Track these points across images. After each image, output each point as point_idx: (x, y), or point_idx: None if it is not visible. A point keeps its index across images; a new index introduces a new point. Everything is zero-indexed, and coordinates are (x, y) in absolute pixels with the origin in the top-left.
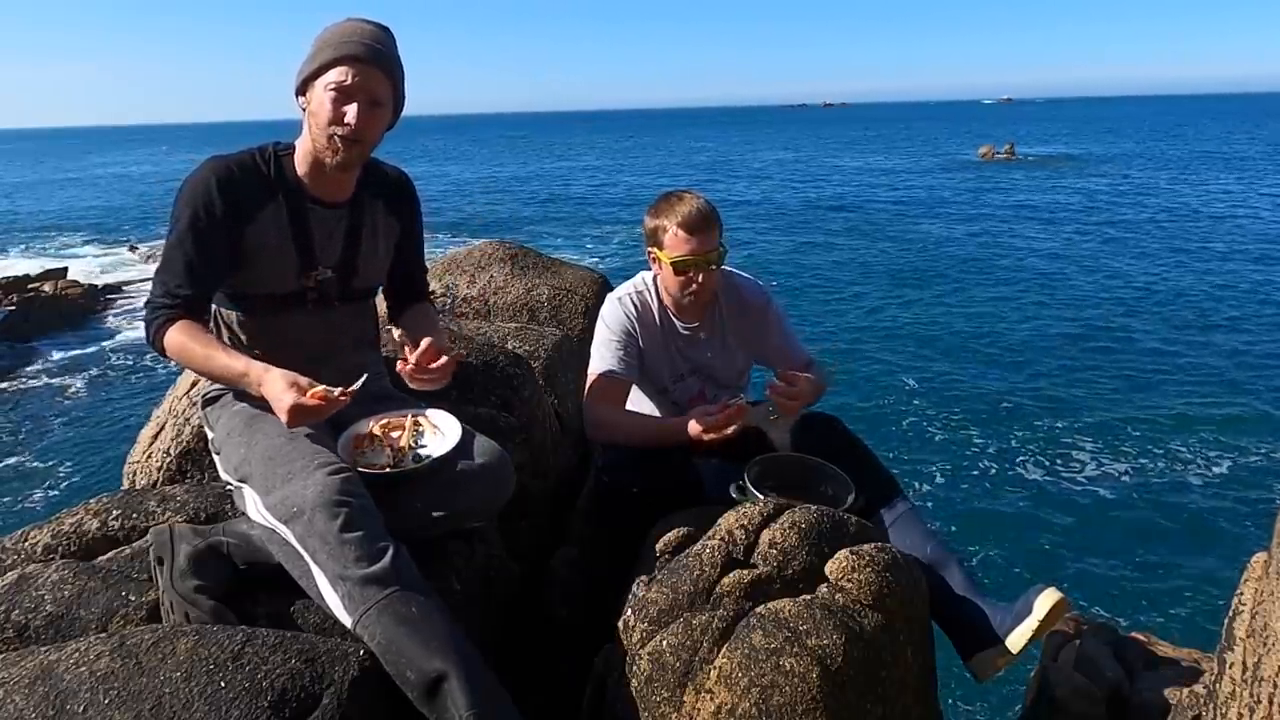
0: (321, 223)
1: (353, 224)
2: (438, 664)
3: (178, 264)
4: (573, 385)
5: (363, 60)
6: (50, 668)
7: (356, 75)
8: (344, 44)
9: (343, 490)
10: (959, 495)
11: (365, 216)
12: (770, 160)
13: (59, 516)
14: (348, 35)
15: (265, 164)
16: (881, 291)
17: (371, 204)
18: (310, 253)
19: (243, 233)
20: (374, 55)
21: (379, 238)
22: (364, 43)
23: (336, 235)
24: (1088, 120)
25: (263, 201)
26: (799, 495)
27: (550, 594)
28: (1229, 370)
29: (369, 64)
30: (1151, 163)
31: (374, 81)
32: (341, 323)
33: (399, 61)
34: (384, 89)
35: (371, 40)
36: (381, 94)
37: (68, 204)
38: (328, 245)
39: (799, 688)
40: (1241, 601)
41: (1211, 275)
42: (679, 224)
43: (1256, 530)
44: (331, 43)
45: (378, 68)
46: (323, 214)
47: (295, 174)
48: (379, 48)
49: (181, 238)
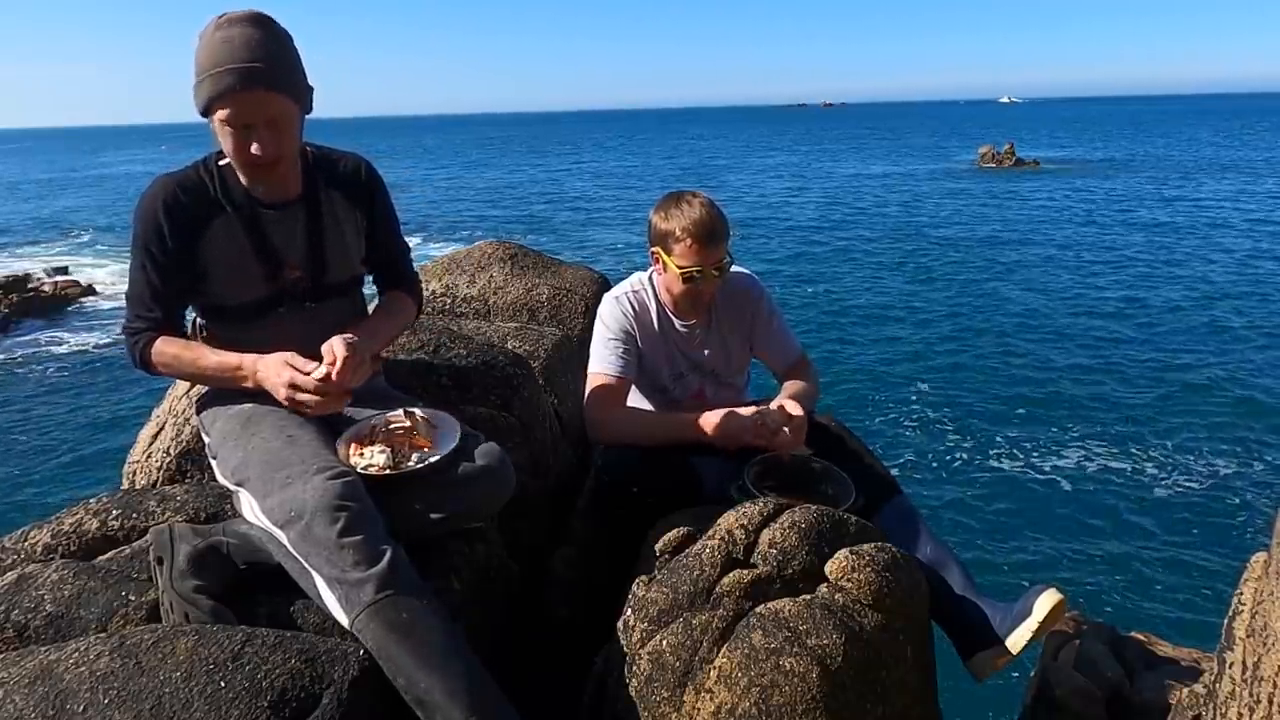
0: (277, 224)
1: (311, 219)
2: (426, 675)
3: (142, 289)
4: (573, 385)
5: (241, 89)
6: (50, 668)
7: (244, 105)
8: (219, 76)
9: (342, 495)
10: (959, 495)
11: (323, 209)
12: (770, 160)
13: (59, 516)
14: (219, 61)
15: (209, 176)
16: (880, 291)
17: (328, 195)
18: (273, 256)
19: (197, 249)
20: (251, 78)
21: (343, 228)
22: (236, 68)
23: (297, 233)
24: (1088, 121)
25: (211, 215)
26: (799, 495)
27: (550, 594)
28: (1229, 371)
29: (250, 89)
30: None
31: (262, 104)
32: (323, 321)
33: (284, 59)
34: (275, 104)
35: (245, 58)
36: (275, 110)
37: (68, 203)
38: (290, 245)
39: (799, 687)
40: (1241, 601)
41: (1211, 278)
42: (690, 233)
43: (1256, 530)
44: (207, 75)
45: (262, 87)
46: (276, 216)
47: (239, 181)
48: (254, 66)
49: (140, 262)
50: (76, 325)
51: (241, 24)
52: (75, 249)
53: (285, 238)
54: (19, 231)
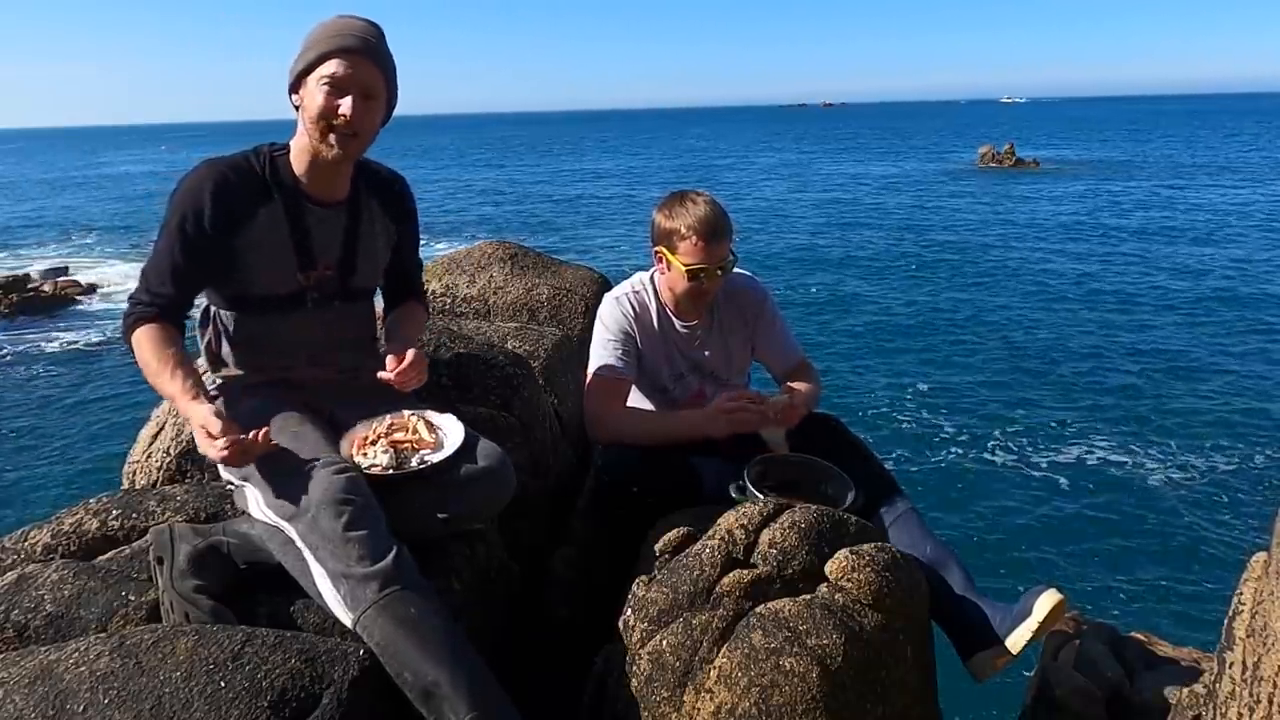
0: (320, 222)
1: (351, 222)
2: (434, 669)
3: (164, 265)
4: (573, 385)
5: (355, 52)
6: (50, 668)
7: (350, 68)
8: (336, 38)
9: (348, 489)
10: (959, 495)
11: (363, 215)
12: (770, 160)
13: (59, 516)
14: (339, 30)
15: (260, 165)
16: (879, 291)
17: (368, 203)
18: (309, 252)
19: (237, 236)
20: (366, 48)
21: (377, 237)
22: (356, 35)
23: (335, 234)
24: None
25: (259, 203)
26: (799, 495)
27: (550, 594)
28: (1229, 370)
29: (362, 56)
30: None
31: (367, 74)
32: (340, 323)
33: (390, 57)
34: (378, 81)
35: (363, 34)
36: (375, 86)
37: (68, 203)
38: (327, 244)
39: (799, 687)
40: (1241, 601)
41: (1211, 278)
42: (695, 231)
43: (1256, 530)
44: (323, 38)
45: (371, 60)
46: (321, 213)
47: (291, 173)
48: (371, 41)
49: (170, 240)
50: (77, 325)
51: (359, 18)
52: (75, 249)
53: (325, 237)
54: (19, 231)
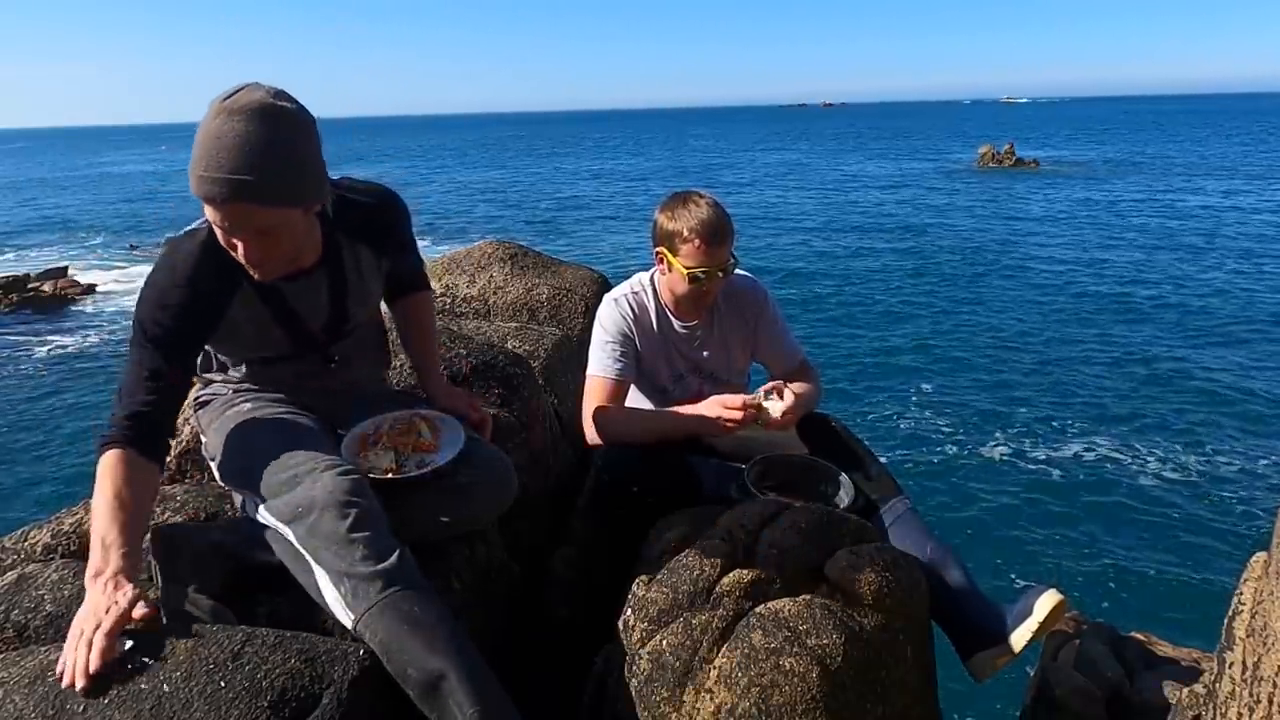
0: (300, 292)
1: (333, 280)
2: (439, 662)
3: (137, 376)
4: (573, 385)
5: (222, 202)
6: (50, 668)
7: (225, 219)
8: (202, 181)
9: (351, 491)
10: (958, 495)
11: (345, 265)
12: (770, 160)
13: (59, 516)
14: (206, 164)
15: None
16: (879, 290)
17: (351, 248)
18: (296, 321)
19: (213, 328)
20: (235, 193)
21: (365, 280)
22: (220, 177)
23: (319, 298)
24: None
25: (230, 290)
26: (799, 495)
27: (550, 594)
28: (1229, 370)
29: (233, 203)
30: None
31: (247, 217)
32: (345, 355)
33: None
34: (262, 218)
35: (231, 168)
36: (262, 223)
37: (68, 203)
38: (313, 309)
39: (799, 687)
40: (1241, 601)
41: (1211, 278)
42: (697, 234)
43: (1256, 530)
44: (195, 171)
45: (244, 202)
46: (298, 285)
47: None
48: (239, 179)
49: (140, 352)
50: (76, 325)
51: (243, 118)
52: (75, 249)
53: (309, 303)
54: (19, 231)
